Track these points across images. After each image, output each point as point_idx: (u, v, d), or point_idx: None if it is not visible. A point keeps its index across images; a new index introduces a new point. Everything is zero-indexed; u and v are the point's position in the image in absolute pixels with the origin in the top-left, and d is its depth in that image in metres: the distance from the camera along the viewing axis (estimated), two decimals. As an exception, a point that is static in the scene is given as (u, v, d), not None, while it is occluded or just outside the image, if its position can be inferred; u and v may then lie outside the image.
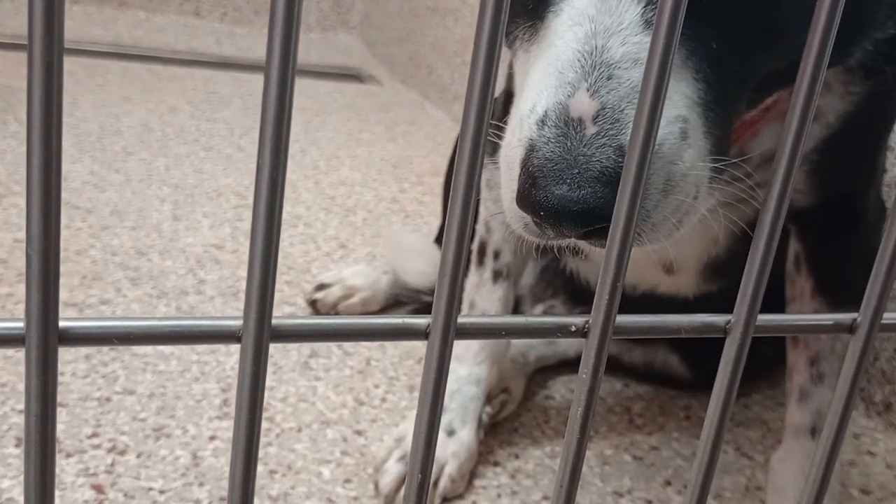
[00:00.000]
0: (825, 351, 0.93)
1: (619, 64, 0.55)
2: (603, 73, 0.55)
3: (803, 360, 0.94)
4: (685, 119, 0.57)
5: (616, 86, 0.54)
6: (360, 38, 4.08)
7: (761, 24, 0.61)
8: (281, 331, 0.36)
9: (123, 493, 0.92)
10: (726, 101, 0.61)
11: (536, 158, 0.54)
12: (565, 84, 0.55)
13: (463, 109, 0.34)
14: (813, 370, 0.93)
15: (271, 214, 0.33)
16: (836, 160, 0.84)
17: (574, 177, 0.53)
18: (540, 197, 0.54)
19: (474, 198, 0.36)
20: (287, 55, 0.31)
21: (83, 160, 1.96)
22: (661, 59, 0.35)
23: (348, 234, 1.75)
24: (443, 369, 0.38)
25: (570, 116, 0.54)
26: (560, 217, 0.54)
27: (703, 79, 0.59)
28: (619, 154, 0.53)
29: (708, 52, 0.58)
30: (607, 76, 0.55)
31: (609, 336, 0.41)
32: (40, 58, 0.29)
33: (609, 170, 0.53)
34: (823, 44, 0.38)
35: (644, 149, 0.36)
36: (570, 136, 0.54)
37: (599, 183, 0.53)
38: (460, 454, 1.01)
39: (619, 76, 0.55)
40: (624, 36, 0.56)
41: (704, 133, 0.59)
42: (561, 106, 0.55)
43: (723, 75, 0.60)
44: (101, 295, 1.35)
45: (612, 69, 0.55)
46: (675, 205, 0.58)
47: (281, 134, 0.32)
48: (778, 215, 0.41)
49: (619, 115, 0.54)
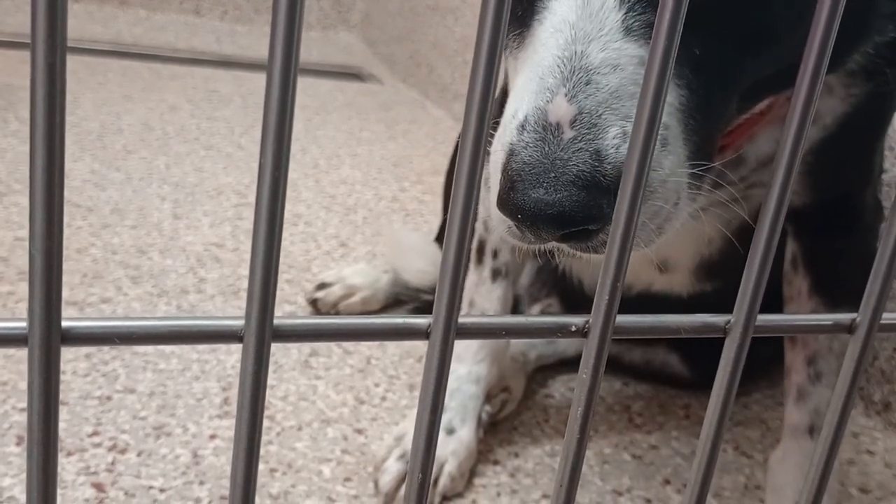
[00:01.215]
0: (823, 350, 0.93)
1: (597, 69, 0.56)
2: (581, 79, 0.56)
3: (801, 360, 0.94)
4: (666, 125, 0.58)
5: (594, 91, 0.55)
6: (360, 37, 4.08)
7: (747, 30, 0.61)
8: (283, 331, 0.36)
9: (124, 492, 0.93)
10: (710, 107, 0.61)
11: (515, 162, 0.55)
12: (545, 90, 0.56)
13: (464, 108, 0.35)
14: (811, 369, 0.93)
15: (273, 216, 0.33)
16: (831, 161, 0.84)
17: (550, 181, 0.54)
18: (517, 200, 0.54)
19: (475, 197, 0.36)
20: (289, 54, 0.31)
21: (84, 158, 1.96)
22: (661, 63, 0.35)
23: (349, 232, 1.76)
24: (444, 369, 0.38)
25: (548, 121, 0.55)
26: (536, 220, 0.54)
27: (686, 85, 0.59)
28: (595, 158, 0.54)
29: (691, 58, 0.58)
30: (585, 81, 0.56)
31: (609, 336, 0.41)
32: (43, 59, 0.29)
33: (585, 174, 0.53)
34: (823, 45, 0.38)
35: (644, 150, 0.36)
36: (548, 140, 0.55)
37: (575, 187, 0.53)
38: (460, 453, 1.01)
39: (598, 81, 0.55)
40: (604, 42, 0.57)
41: (685, 140, 0.59)
42: (540, 111, 0.56)
43: (707, 81, 0.60)
44: (101, 293, 1.35)
45: (591, 74, 0.56)
46: (654, 210, 0.58)
47: (283, 133, 0.32)
48: (778, 216, 0.41)
49: (597, 119, 0.55)
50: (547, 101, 0.56)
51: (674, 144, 0.58)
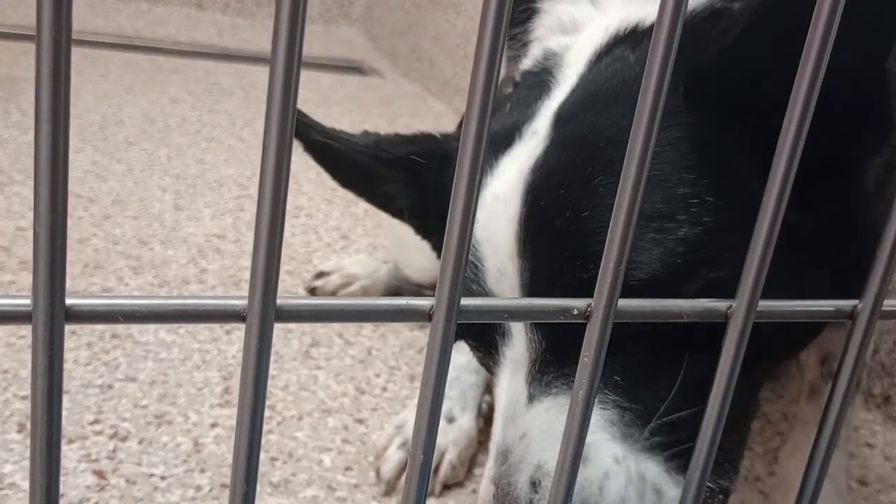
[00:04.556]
0: (837, 351, 0.93)
1: (510, 448, 0.64)
2: (500, 460, 0.64)
3: (814, 359, 0.95)
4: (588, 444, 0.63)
5: (508, 468, 0.63)
6: (362, 31, 4.08)
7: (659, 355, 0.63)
8: (285, 311, 0.36)
9: (125, 479, 0.93)
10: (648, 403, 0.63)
11: None
12: (485, 475, 0.66)
13: (466, 103, 0.35)
14: (824, 368, 0.94)
15: (276, 198, 0.33)
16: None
17: None
18: None
19: (478, 180, 0.36)
20: (292, 47, 0.31)
21: (85, 150, 1.96)
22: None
23: (350, 224, 1.76)
24: (446, 351, 0.38)
25: (483, 500, 0.65)
26: None
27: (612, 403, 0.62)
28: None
29: (613, 383, 0.62)
30: (503, 461, 0.64)
31: (611, 319, 0.41)
32: (49, 33, 0.29)
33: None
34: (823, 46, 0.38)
35: (650, 122, 0.37)
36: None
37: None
38: (460, 441, 1.01)
39: (511, 458, 0.63)
40: (516, 420, 0.65)
41: (620, 440, 0.62)
42: (485, 495, 0.65)
43: (640, 399, 0.62)
44: (102, 283, 1.35)
45: (506, 454, 0.64)
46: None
47: (286, 125, 0.32)
48: (780, 204, 0.41)
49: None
50: (485, 487, 0.66)
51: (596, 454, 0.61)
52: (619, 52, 0.69)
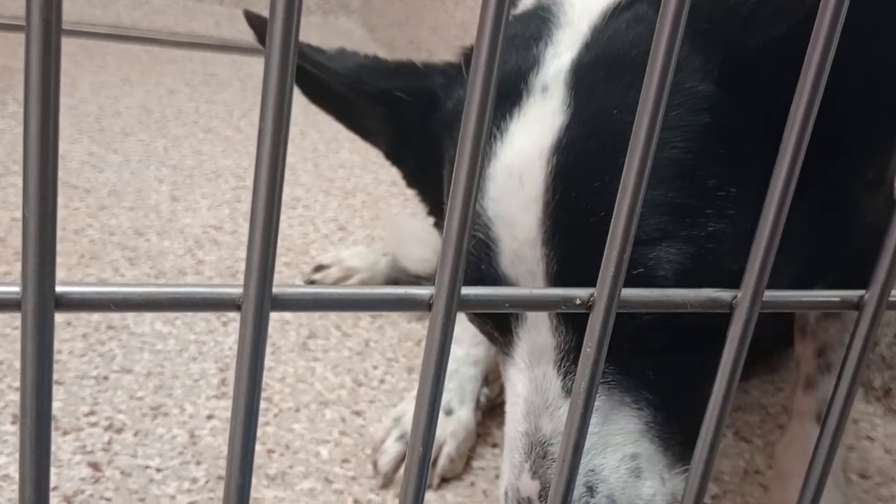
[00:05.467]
0: (833, 342, 0.92)
1: (550, 440, 0.61)
2: (539, 453, 0.61)
3: (811, 351, 0.94)
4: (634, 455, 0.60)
5: (551, 463, 0.60)
6: (360, 22, 4.06)
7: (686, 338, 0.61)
8: (281, 299, 0.35)
9: (120, 471, 0.92)
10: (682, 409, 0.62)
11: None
12: (514, 465, 0.63)
13: (466, 96, 0.34)
14: (820, 360, 0.93)
15: (272, 186, 0.32)
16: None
17: None
18: None
19: (479, 168, 0.35)
20: (288, 38, 0.30)
21: (82, 141, 1.95)
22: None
23: (347, 216, 1.75)
24: (446, 341, 0.38)
25: (522, 496, 0.62)
26: None
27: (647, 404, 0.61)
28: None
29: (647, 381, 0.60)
30: (542, 455, 0.61)
31: (614, 309, 0.40)
32: (38, 14, 0.28)
33: None
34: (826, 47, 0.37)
35: (653, 115, 0.36)
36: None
37: None
38: (459, 434, 1.01)
39: (553, 453, 0.61)
40: (551, 412, 0.61)
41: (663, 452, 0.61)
42: (513, 487, 0.63)
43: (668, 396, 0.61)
44: (98, 274, 1.34)
45: (546, 447, 0.61)
46: None
47: (282, 116, 0.31)
48: (785, 195, 0.40)
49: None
50: (516, 477, 0.63)
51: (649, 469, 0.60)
52: (640, 11, 0.62)
